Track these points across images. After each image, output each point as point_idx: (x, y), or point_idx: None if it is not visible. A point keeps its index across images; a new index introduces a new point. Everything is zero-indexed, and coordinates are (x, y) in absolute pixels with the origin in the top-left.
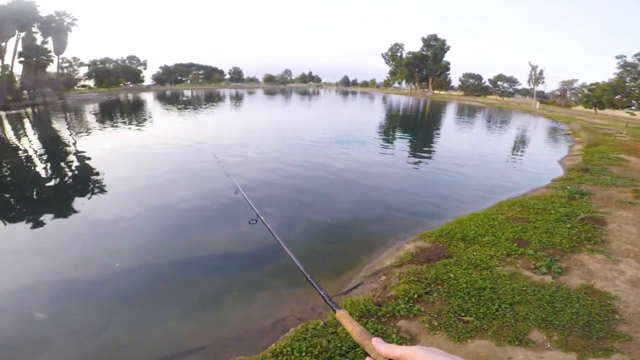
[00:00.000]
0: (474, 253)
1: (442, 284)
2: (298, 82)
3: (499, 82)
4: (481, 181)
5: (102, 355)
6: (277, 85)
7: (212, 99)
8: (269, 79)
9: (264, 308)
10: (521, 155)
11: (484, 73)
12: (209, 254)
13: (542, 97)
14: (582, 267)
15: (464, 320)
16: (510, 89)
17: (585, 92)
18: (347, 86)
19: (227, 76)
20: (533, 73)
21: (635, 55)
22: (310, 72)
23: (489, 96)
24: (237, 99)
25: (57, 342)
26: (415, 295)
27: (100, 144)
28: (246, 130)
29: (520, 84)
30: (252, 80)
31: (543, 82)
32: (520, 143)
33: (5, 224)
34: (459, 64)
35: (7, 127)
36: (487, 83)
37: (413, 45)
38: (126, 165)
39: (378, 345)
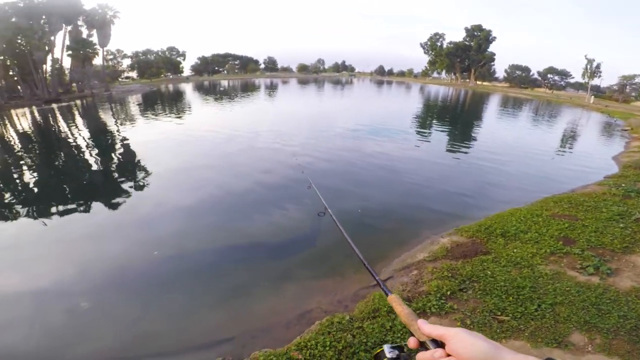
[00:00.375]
0: (514, 250)
1: (478, 281)
2: (331, 71)
3: (549, 75)
4: (525, 176)
5: (138, 344)
6: (310, 74)
7: (248, 88)
8: (302, 68)
9: (292, 299)
10: (571, 150)
11: (533, 65)
12: (242, 243)
13: (598, 92)
14: (634, 269)
15: (499, 320)
16: (562, 82)
17: None
18: (382, 75)
19: (262, 66)
20: (589, 67)
21: None
22: (344, 61)
23: (537, 89)
24: (272, 88)
25: (97, 330)
26: (448, 292)
27: (145, 134)
28: (281, 120)
29: (573, 77)
30: (286, 69)
31: (600, 76)
32: (570, 137)
33: (56, 212)
34: (505, 54)
35: (60, 119)
36: (536, 75)
37: (454, 36)
38: (170, 155)
39: (422, 325)
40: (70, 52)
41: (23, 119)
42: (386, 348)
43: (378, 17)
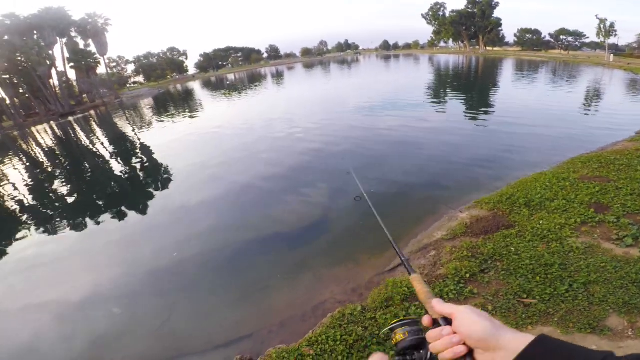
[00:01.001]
0: (540, 222)
1: (501, 260)
2: (335, 51)
3: (561, 36)
4: (549, 138)
5: (163, 346)
6: (315, 57)
7: (255, 79)
8: (306, 52)
9: (306, 291)
10: (596, 109)
11: (543, 28)
12: (256, 236)
13: (617, 50)
14: None
15: (525, 303)
16: (577, 43)
17: None
18: (388, 50)
19: (265, 55)
20: (602, 26)
21: None
22: (347, 40)
23: (551, 51)
24: (278, 76)
25: (125, 334)
26: (467, 275)
27: (163, 136)
28: (293, 105)
29: (587, 37)
30: (290, 55)
31: (615, 34)
32: (595, 96)
33: (86, 220)
34: (513, 19)
35: (79, 131)
36: (548, 38)
37: (456, 3)
38: (189, 154)
39: (436, 304)
40: (72, 64)
41: (45, 135)
42: (400, 325)
43: None
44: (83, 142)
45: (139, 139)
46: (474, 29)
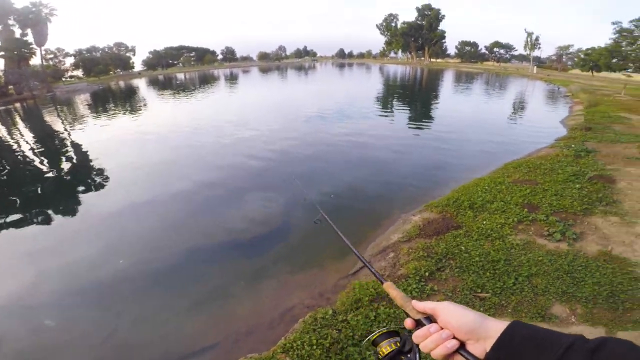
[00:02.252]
0: (484, 222)
1: (454, 258)
2: (293, 57)
3: (495, 49)
4: (484, 145)
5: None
6: (272, 62)
7: (207, 80)
8: (263, 56)
9: (272, 297)
10: (522, 117)
11: (480, 40)
12: (211, 242)
13: (539, 62)
14: (597, 232)
15: (481, 297)
16: (507, 55)
17: (582, 56)
18: (343, 58)
19: (220, 56)
20: (529, 39)
21: (631, 22)
22: (305, 47)
23: (485, 62)
24: (232, 78)
25: (67, 349)
26: (427, 273)
27: (95, 135)
28: (245, 109)
29: (516, 50)
30: (246, 58)
31: (539, 47)
32: (520, 106)
33: (7, 224)
34: (455, 32)
35: None
36: (484, 50)
37: (407, 15)
38: (128, 155)
39: (416, 304)
40: (2, 52)
41: None
42: (383, 339)
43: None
44: (0, 137)
45: (69, 137)
46: (421, 41)
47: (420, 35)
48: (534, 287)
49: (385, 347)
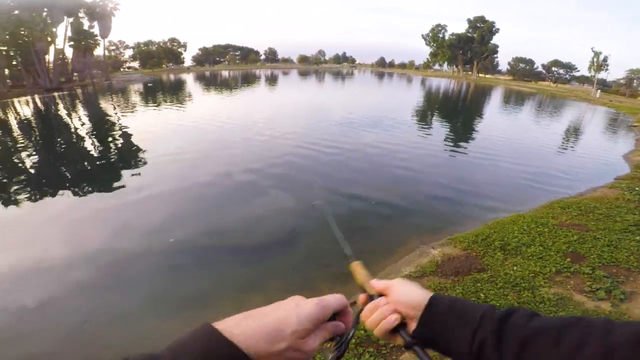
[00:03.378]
0: (514, 268)
1: None
2: (332, 62)
3: (553, 68)
4: (529, 176)
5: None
6: (311, 65)
7: (249, 79)
8: (303, 59)
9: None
10: (577, 148)
11: (537, 58)
12: (201, 243)
13: (604, 86)
14: None
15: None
16: (567, 76)
17: None
18: (383, 67)
19: (263, 57)
20: (596, 59)
21: None
22: (344, 53)
23: (541, 82)
24: (272, 80)
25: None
26: None
27: (144, 122)
28: (277, 110)
29: (578, 71)
30: (287, 60)
31: (607, 69)
32: (576, 133)
33: (36, 193)
34: (509, 46)
35: (61, 106)
36: (540, 68)
37: (456, 27)
38: (163, 145)
39: (373, 283)
40: (72, 42)
41: (25, 107)
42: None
43: (377, 11)
44: (61, 118)
45: (118, 122)
46: (470, 54)
47: (470, 49)
48: None
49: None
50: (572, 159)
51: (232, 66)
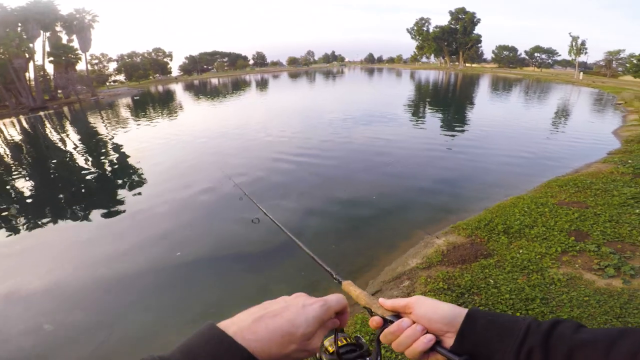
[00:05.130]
0: (520, 251)
1: (479, 294)
2: (321, 62)
3: (536, 54)
4: (525, 157)
5: None
6: (301, 67)
7: (239, 85)
8: (292, 61)
9: None
10: (568, 126)
11: (519, 45)
12: (206, 254)
13: (585, 68)
14: None
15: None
16: (549, 61)
17: (634, 61)
18: (372, 63)
19: (251, 61)
20: (574, 44)
21: None
22: (333, 52)
23: (525, 68)
24: (262, 84)
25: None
26: None
27: (133, 137)
28: (271, 114)
29: (559, 55)
30: (276, 63)
31: (585, 52)
32: (565, 114)
33: (33, 219)
34: (492, 36)
35: (49, 127)
36: (523, 55)
37: (440, 19)
38: (152, 160)
39: (384, 302)
40: (51, 58)
41: (11, 129)
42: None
43: (365, 8)
44: (50, 138)
45: (110, 139)
46: (455, 45)
47: (454, 40)
48: None
49: (330, 345)
50: (565, 138)
51: (220, 73)
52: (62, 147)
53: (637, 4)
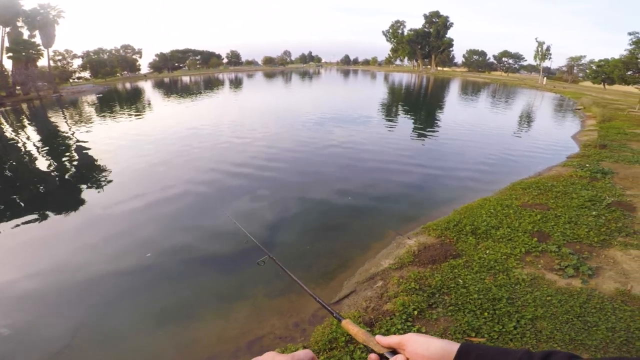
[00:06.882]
0: (487, 251)
1: (449, 293)
2: (298, 62)
3: (503, 59)
4: (490, 161)
5: None
6: (277, 66)
7: (212, 84)
8: (268, 60)
9: (242, 322)
10: (531, 131)
11: (488, 50)
12: (185, 255)
13: (549, 73)
14: (615, 267)
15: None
16: (516, 65)
17: (594, 67)
18: (348, 65)
19: (225, 60)
20: (540, 49)
21: None
22: (310, 52)
23: (493, 72)
24: (237, 83)
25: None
26: (415, 311)
27: (96, 135)
28: (244, 113)
29: (525, 60)
30: (251, 63)
31: (550, 58)
32: (529, 118)
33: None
34: (463, 40)
35: (5, 124)
36: (492, 59)
37: (415, 22)
38: (130, 154)
39: (381, 339)
40: (10, 54)
41: None
42: None
43: (342, 10)
44: (6, 137)
45: (72, 137)
46: (428, 49)
47: (427, 43)
48: (538, 332)
49: None
50: (528, 141)
51: (192, 71)
52: (20, 145)
53: (605, 10)
